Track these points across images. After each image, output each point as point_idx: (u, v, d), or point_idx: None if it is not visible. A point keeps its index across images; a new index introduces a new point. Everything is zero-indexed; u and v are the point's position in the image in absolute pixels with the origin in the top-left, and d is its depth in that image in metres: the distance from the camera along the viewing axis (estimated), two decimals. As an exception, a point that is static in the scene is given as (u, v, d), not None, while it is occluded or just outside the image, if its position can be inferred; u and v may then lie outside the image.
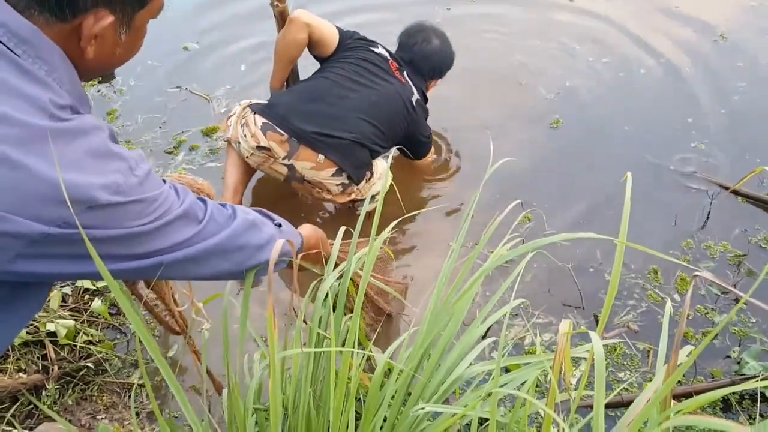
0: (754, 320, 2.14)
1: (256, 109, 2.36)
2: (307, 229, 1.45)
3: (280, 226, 1.24)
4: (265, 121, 2.30)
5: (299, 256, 1.34)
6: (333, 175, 2.32)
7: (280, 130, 2.28)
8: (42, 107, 0.79)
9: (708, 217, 2.53)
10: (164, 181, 0.96)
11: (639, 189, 2.60)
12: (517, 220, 1.46)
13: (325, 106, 2.33)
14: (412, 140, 2.59)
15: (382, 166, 2.51)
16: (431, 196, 2.73)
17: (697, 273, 0.73)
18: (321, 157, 2.28)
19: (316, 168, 2.29)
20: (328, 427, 1.26)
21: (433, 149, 2.80)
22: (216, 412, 1.82)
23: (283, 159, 2.29)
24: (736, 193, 2.61)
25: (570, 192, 2.71)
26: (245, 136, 2.32)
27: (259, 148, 2.30)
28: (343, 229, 1.44)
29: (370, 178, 2.46)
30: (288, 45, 2.47)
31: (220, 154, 2.89)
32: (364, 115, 2.35)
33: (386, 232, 1.40)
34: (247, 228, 1.09)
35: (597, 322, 2.18)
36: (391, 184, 1.83)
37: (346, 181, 2.36)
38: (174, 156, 2.90)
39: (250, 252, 1.10)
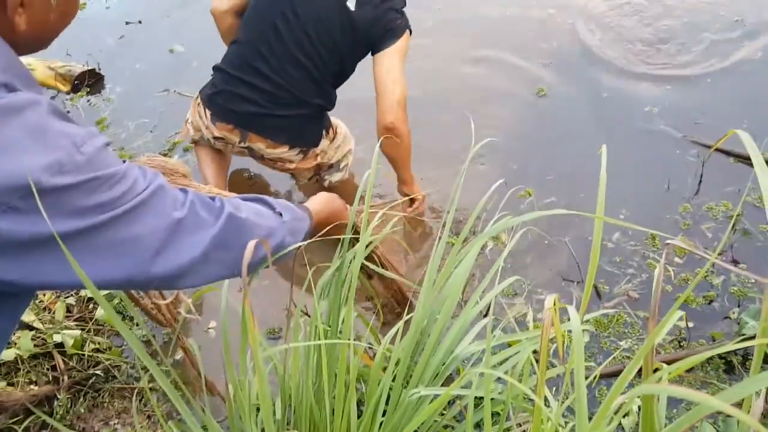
0: (752, 281, 2.15)
1: (204, 98, 2.30)
2: (317, 203, 1.32)
3: (281, 215, 1.09)
4: (212, 113, 2.27)
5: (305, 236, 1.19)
6: (289, 150, 2.32)
7: (225, 121, 2.26)
8: None
9: (701, 180, 2.53)
10: (124, 161, 0.85)
11: (630, 155, 2.62)
12: (505, 198, 1.46)
13: (257, 78, 2.19)
14: (374, 38, 2.18)
15: (343, 127, 2.49)
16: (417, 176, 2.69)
17: (669, 241, 0.73)
18: (270, 141, 2.28)
19: (270, 147, 2.30)
20: (332, 418, 1.29)
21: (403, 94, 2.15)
22: (218, 411, 1.85)
23: (240, 143, 2.30)
24: (727, 153, 2.60)
25: (558, 161, 2.70)
26: (201, 127, 2.33)
27: (216, 138, 2.31)
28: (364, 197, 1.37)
29: (334, 138, 2.43)
30: (227, 38, 2.38)
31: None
32: (299, 70, 2.18)
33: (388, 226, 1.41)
34: (237, 227, 0.96)
35: (598, 293, 2.19)
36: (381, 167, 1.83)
37: (305, 148, 2.34)
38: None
39: (239, 254, 0.94)
